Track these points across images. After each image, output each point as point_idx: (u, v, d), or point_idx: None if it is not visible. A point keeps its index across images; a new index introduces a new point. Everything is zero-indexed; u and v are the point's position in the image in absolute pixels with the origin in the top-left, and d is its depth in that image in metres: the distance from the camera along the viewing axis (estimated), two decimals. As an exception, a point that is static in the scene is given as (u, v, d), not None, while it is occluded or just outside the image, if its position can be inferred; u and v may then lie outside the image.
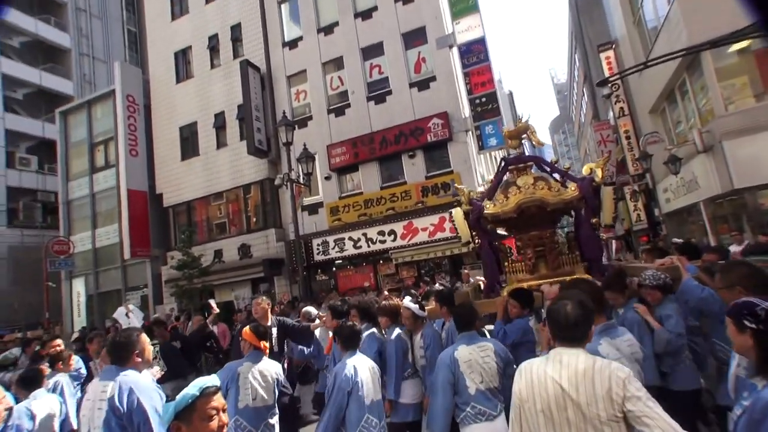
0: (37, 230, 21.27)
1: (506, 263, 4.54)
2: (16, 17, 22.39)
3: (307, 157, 10.84)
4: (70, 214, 19.18)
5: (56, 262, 16.62)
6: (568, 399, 1.73)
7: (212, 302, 8.10)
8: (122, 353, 2.62)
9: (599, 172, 4.17)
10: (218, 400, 1.67)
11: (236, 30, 16.79)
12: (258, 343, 3.54)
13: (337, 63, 15.37)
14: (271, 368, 3.54)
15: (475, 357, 2.98)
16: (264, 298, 5.35)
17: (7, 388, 3.47)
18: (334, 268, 14.80)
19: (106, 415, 2.42)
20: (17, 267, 20.09)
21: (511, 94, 36.11)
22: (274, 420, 3.46)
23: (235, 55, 16.58)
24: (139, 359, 2.68)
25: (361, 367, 3.20)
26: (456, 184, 5.02)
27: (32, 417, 3.19)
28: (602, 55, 15.49)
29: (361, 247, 14.03)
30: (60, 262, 16.69)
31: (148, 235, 16.87)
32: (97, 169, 18.65)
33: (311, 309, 6.47)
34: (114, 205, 17.51)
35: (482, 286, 4.99)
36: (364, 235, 13.99)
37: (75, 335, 11.85)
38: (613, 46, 15.29)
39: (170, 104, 17.59)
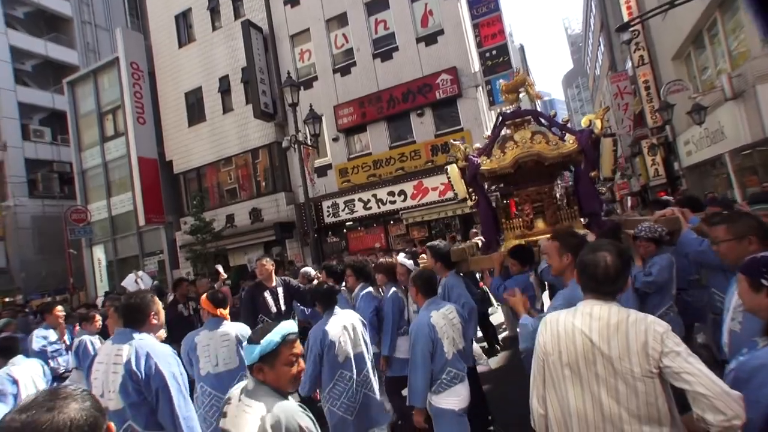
0: (56, 200, 21.78)
1: (504, 220, 4.47)
2: None
3: (314, 118, 10.64)
4: (86, 184, 19.52)
5: (76, 230, 17.08)
6: (597, 353, 1.63)
7: (219, 268, 8.24)
8: (137, 315, 2.58)
9: (598, 123, 4.02)
10: (298, 347, 1.81)
11: (236, -12, 16.27)
12: (215, 310, 3.54)
13: (341, 20, 14.83)
14: (233, 331, 3.51)
15: (446, 321, 3.04)
16: (268, 259, 5.32)
17: None
18: (344, 230, 14.86)
19: (123, 380, 2.38)
20: (41, 236, 20.81)
21: (522, 47, 34.57)
22: None
23: (236, 16, 16.11)
24: (155, 321, 2.66)
25: (333, 328, 3.20)
26: (453, 141, 4.77)
27: (14, 382, 3.26)
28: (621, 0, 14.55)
29: (371, 208, 13.99)
30: (79, 230, 17.14)
31: (161, 202, 17.10)
32: (107, 138, 18.78)
33: (310, 269, 6.55)
34: (126, 173, 17.71)
35: (479, 244, 4.93)
36: (374, 196, 13.91)
37: (100, 299, 12.30)
38: (633, -12, 14.31)
39: (174, 70, 17.36)
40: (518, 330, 2.57)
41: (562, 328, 1.74)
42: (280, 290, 4.99)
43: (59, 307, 5.42)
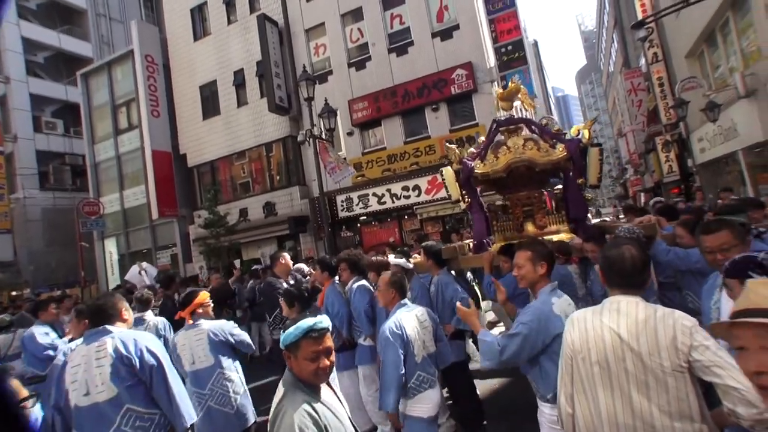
0: (68, 192, 21.80)
1: (495, 222, 4.68)
2: None
3: (329, 112, 10.65)
4: (98, 176, 19.55)
5: (87, 223, 17.11)
6: (627, 349, 1.64)
7: (236, 263, 8.43)
8: (109, 313, 2.66)
9: (586, 133, 4.22)
10: (324, 342, 1.78)
11: (251, -18, 16.32)
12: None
13: (356, 14, 14.87)
14: (206, 328, 3.47)
15: (417, 323, 3.02)
16: (286, 254, 5.53)
17: None
18: (358, 225, 14.91)
19: (113, 369, 2.45)
20: (52, 228, 20.79)
21: (536, 43, 34.48)
22: (225, 378, 3.41)
23: (252, 10, 16.15)
24: (127, 317, 2.76)
25: None
26: (449, 144, 5.03)
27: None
28: (636, -3, 14.60)
29: (385, 203, 14.03)
30: (91, 222, 17.17)
31: (174, 195, 17.15)
32: (120, 130, 18.82)
33: (303, 266, 6.69)
34: (139, 166, 17.75)
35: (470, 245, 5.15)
36: (388, 190, 13.95)
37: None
38: (649, -15, 14.37)
39: (189, 63, 17.40)
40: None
41: (590, 325, 1.75)
42: (292, 283, 5.26)
43: (53, 305, 5.27)
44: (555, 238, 4.25)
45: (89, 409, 2.43)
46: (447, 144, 5.22)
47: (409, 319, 3.01)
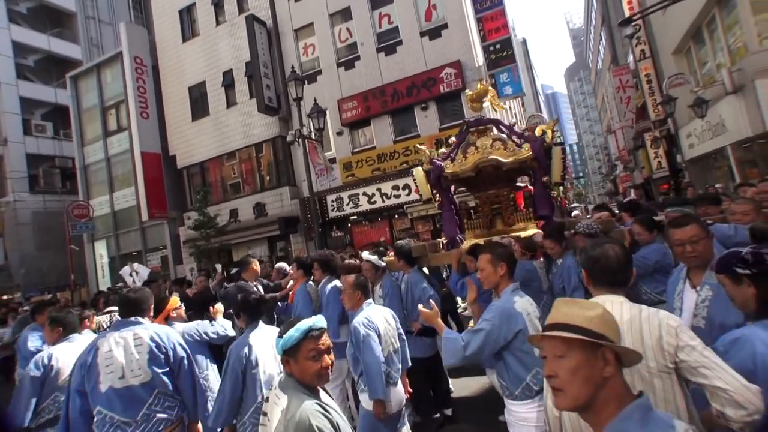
0: (58, 195, 21.71)
1: (466, 220, 4.87)
2: None
3: (318, 112, 10.65)
4: (88, 179, 19.45)
5: (77, 226, 17.01)
6: None
7: (219, 267, 8.38)
8: (142, 307, 2.97)
9: (549, 133, 4.39)
10: (324, 342, 1.83)
11: (240, -17, 16.29)
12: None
13: (345, 14, 14.87)
14: (178, 332, 3.37)
15: (384, 321, 3.12)
16: (256, 260, 5.80)
17: None
18: (349, 224, 14.88)
19: (150, 355, 2.76)
20: (42, 232, 20.69)
21: (524, 41, 34.69)
22: (202, 378, 3.31)
23: (240, 11, 16.13)
24: (152, 314, 3.15)
25: (257, 342, 2.87)
26: (419, 146, 5.22)
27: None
28: (623, -6, 14.67)
29: (375, 202, 14.01)
30: (81, 225, 17.07)
31: (164, 197, 17.07)
32: (110, 132, 18.73)
33: (284, 264, 6.83)
34: (129, 168, 17.66)
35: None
36: (379, 190, 13.93)
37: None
38: (636, -17, 14.43)
39: (178, 64, 17.35)
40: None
41: None
42: (260, 287, 5.40)
43: (51, 308, 5.32)
44: (523, 234, 4.40)
45: (123, 391, 2.66)
46: (417, 145, 5.42)
47: (377, 315, 3.11)
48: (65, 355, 3.24)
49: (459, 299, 7.98)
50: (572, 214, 10.12)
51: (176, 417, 2.83)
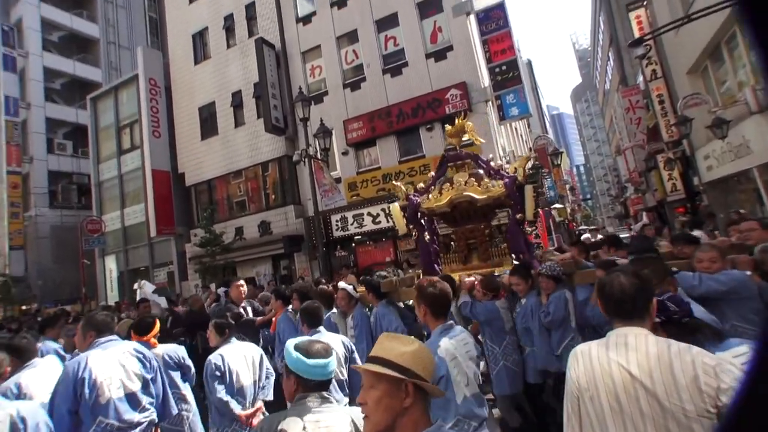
0: (74, 210, 22.50)
1: (442, 254, 4.96)
2: (55, 14, 24.24)
3: (324, 132, 10.73)
4: (102, 195, 20.05)
5: (90, 241, 17.42)
6: (639, 387, 1.46)
7: (212, 286, 8.40)
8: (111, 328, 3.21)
9: (521, 172, 4.47)
10: None
11: (251, 9, 16.74)
12: (135, 337, 3.77)
13: (351, 36, 15.06)
14: (160, 352, 3.77)
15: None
16: (243, 282, 6.12)
17: None
18: (353, 244, 14.76)
19: (141, 364, 3.09)
20: (58, 245, 21.36)
21: (530, 62, 34.56)
22: (179, 398, 3.67)
23: (250, 34, 16.55)
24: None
25: (231, 355, 3.43)
26: (395, 183, 5.42)
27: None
28: (632, 15, 14.45)
29: (380, 222, 13.87)
30: (93, 240, 17.47)
31: (172, 214, 17.34)
32: (124, 151, 19.31)
33: (267, 293, 7.00)
34: (140, 185, 18.09)
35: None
36: (383, 210, 13.80)
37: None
38: (644, 3, 14.19)
39: (189, 85, 17.83)
40: None
41: (596, 361, 1.57)
42: (249, 309, 5.64)
43: (61, 321, 5.46)
44: (497, 271, 4.45)
45: (125, 398, 2.93)
46: (393, 182, 5.71)
47: (334, 339, 3.21)
48: (32, 381, 3.11)
49: None
50: (582, 238, 9.84)
51: (157, 419, 3.12)
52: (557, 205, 17.79)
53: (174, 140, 18.02)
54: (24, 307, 18.76)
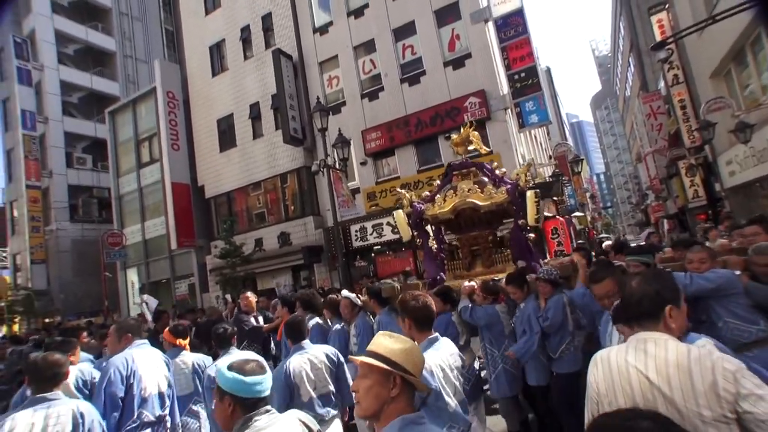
0: (95, 224, 22.74)
1: (447, 261, 5.04)
2: (70, 27, 24.28)
3: (343, 142, 10.74)
4: (122, 208, 20.27)
5: (111, 254, 17.60)
6: (657, 393, 1.45)
7: (228, 297, 8.51)
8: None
9: (523, 178, 4.55)
10: None
11: (267, 20, 16.82)
12: (174, 340, 4.07)
13: (369, 46, 15.08)
14: (190, 360, 4.02)
15: (308, 364, 3.11)
16: (251, 293, 6.32)
17: None
18: (372, 254, 14.72)
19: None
20: (80, 259, 21.60)
21: (549, 70, 34.37)
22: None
23: (267, 45, 16.64)
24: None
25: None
26: (399, 190, 5.69)
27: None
28: (653, 19, 14.30)
29: (398, 232, 13.80)
30: (114, 253, 17.64)
31: (192, 226, 17.47)
32: (143, 164, 19.50)
33: (277, 300, 7.05)
34: (160, 198, 18.24)
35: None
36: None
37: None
38: (666, 6, 14.02)
39: (207, 98, 17.98)
40: None
41: (615, 366, 1.57)
42: (261, 319, 5.84)
43: (85, 333, 5.60)
44: (499, 276, 4.52)
45: (157, 395, 3.19)
46: (398, 189, 5.91)
47: (299, 360, 3.12)
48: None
49: None
50: (603, 245, 9.81)
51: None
52: (578, 213, 17.62)
53: (193, 153, 18.17)
54: (47, 320, 19.00)
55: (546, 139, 22.59)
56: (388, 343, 1.59)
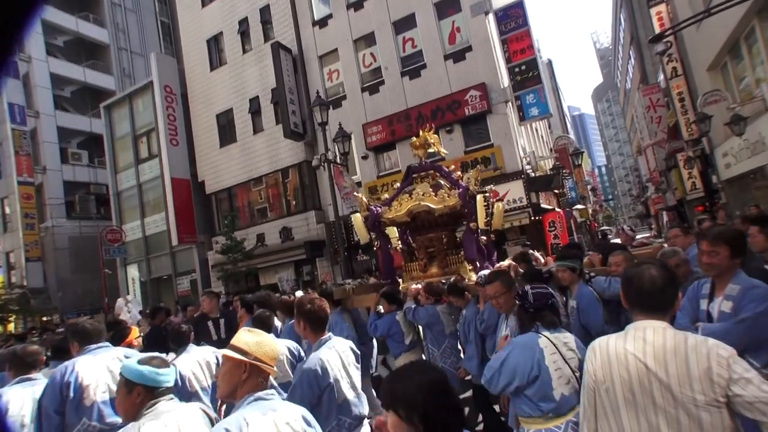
0: (93, 221, 22.38)
1: (405, 263, 5.17)
2: (58, 17, 23.21)
3: (344, 136, 10.70)
4: (121, 205, 20.05)
5: (111, 250, 17.51)
6: (654, 379, 1.50)
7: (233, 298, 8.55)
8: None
9: (473, 182, 4.69)
10: None
11: (265, 12, 16.64)
12: None
13: (369, 39, 15.01)
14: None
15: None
16: (212, 293, 6.28)
17: None
18: (374, 248, 14.73)
19: None
20: (78, 256, 21.36)
21: (550, 62, 34.34)
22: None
23: (266, 39, 16.48)
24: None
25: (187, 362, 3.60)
26: (357, 194, 5.67)
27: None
28: (653, 11, 14.35)
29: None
30: (114, 250, 17.56)
31: (193, 222, 17.40)
32: (141, 160, 19.29)
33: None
34: (160, 194, 18.11)
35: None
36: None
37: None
38: (666, -1, 14.11)
39: (206, 92, 17.81)
40: None
41: (613, 353, 1.60)
42: (222, 321, 5.77)
43: None
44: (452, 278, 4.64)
45: (109, 402, 3.05)
46: (355, 194, 6.11)
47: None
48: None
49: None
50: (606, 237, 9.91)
51: None
52: (579, 206, 17.76)
53: (192, 148, 18.02)
54: (45, 318, 18.88)
55: (547, 131, 22.67)
56: (244, 336, 1.86)
